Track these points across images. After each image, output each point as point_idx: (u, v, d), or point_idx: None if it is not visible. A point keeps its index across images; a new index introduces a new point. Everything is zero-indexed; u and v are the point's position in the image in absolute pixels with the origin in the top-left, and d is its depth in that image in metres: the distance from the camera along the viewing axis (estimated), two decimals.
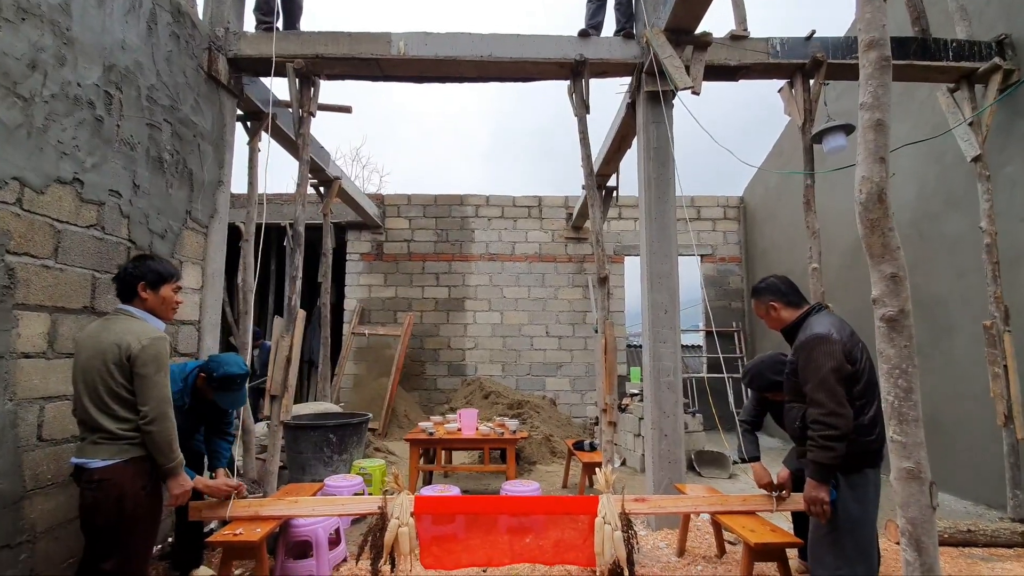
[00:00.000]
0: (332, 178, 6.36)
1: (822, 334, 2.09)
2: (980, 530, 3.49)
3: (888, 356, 1.47)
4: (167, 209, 3.50)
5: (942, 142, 4.89)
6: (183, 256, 3.65)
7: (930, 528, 1.42)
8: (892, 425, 1.47)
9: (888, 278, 1.46)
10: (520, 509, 2.87)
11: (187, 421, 2.78)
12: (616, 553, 2.72)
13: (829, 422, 1.97)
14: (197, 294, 3.80)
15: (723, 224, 9.25)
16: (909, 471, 1.43)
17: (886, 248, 1.47)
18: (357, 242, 9.06)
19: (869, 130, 1.51)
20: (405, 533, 2.69)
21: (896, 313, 1.45)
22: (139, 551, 2.15)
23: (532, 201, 9.20)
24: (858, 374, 2.07)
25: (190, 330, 3.72)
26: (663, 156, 3.98)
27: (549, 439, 6.26)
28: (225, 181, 4.11)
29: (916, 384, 1.45)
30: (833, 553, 2.08)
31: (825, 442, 1.98)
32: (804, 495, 2.08)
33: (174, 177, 3.58)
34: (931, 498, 1.43)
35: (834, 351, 2.03)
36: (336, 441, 4.68)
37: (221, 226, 4.06)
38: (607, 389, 3.71)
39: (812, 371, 2.04)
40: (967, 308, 4.56)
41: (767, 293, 2.39)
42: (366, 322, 8.87)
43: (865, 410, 2.07)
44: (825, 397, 1.99)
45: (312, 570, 2.92)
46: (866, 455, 2.08)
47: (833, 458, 1.97)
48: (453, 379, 8.79)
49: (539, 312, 8.93)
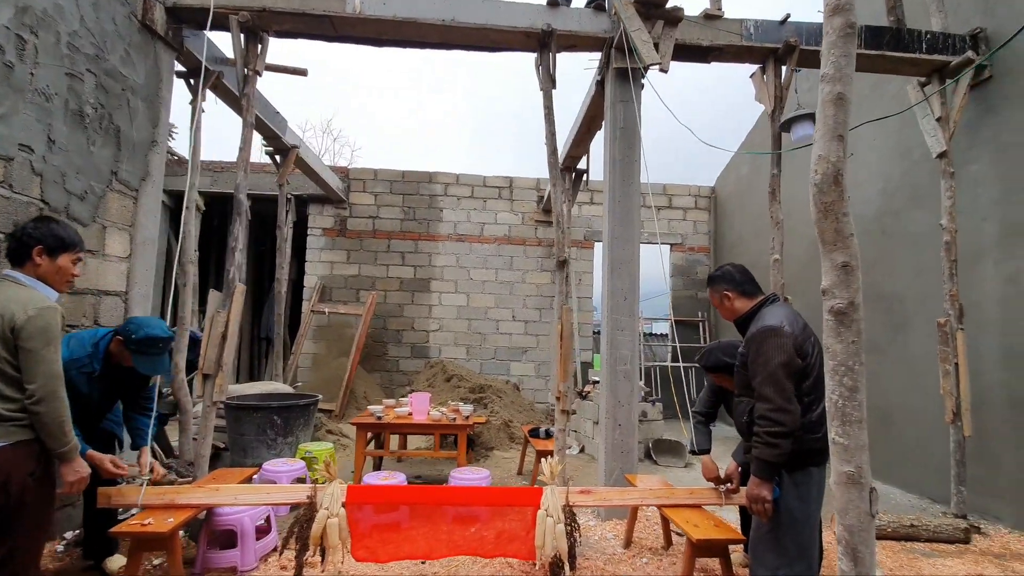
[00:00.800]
0: (289, 146, 6.02)
1: (773, 326, 1.99)
2: (923, 525, 3.52)
3: (835, 352, 1.35)
4: (88, 168, 3.19)
5: (910, 138, 4.86)
6: (107, 220, 3.36)
7: (868, 537, 1.32)
8: (835, 426, 1.36)
9: (839, 267, 1.34)
10: (461, 500, 2.74)
11: (99, 393, 2.55)
12: (557, 547, 2.61)
13: (775, 418, 1.88)
14: (124, 263, 3.51)
15: (694, 213, 9.21)
16: (850, 476, 1.33)
17: (839, 235, 1.34)
18: (319, 216, 8.71)
19: (829, 104, 1.37)
20: (335, 524, 2.52)
21: (845, 305, 1.33)
22: (26, 543, 1.93)
23: (503, 182, 8.98)
24: (808, 369, 1.98)
25: (115, 301, 3.43)
26: (630, 137, 3.82)
27: (508, 425, 6.16)
28: (160, 141, 3.79)
29: (862, 383, 1.34)
30: (774, 552, 2.00)
31: (770, 439, 1.88)
32: (747, 492, 2.00)
33: (97, 134, 3.26)
34: (871, 505, 1.33)
35: (784, 344, 1.94)
36: (281, 423, 4.47)
37: (155, 190, 3.75)
38: (561, 377, 3.59)
39: (761, 364, 1.95)
40: (924, 305, 4.58)
41: (721, 281, 2.28)
42: (327, 300, 8.58)
43: (813, 407, 1.99)
44: (772, 392, 1.89)
45: (237, 561, 2.74)
46: (812, 453, 2.00)
47: (777, 455, 1.89)
48: (416, 361, 8.60)
49: (506, 296, 8.77)
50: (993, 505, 3.97)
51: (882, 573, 2.94)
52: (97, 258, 3.28)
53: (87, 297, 3.21)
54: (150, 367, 2.52)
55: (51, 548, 2.93)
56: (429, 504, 2.67)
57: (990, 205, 4.17)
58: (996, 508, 3.95)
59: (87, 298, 3.21)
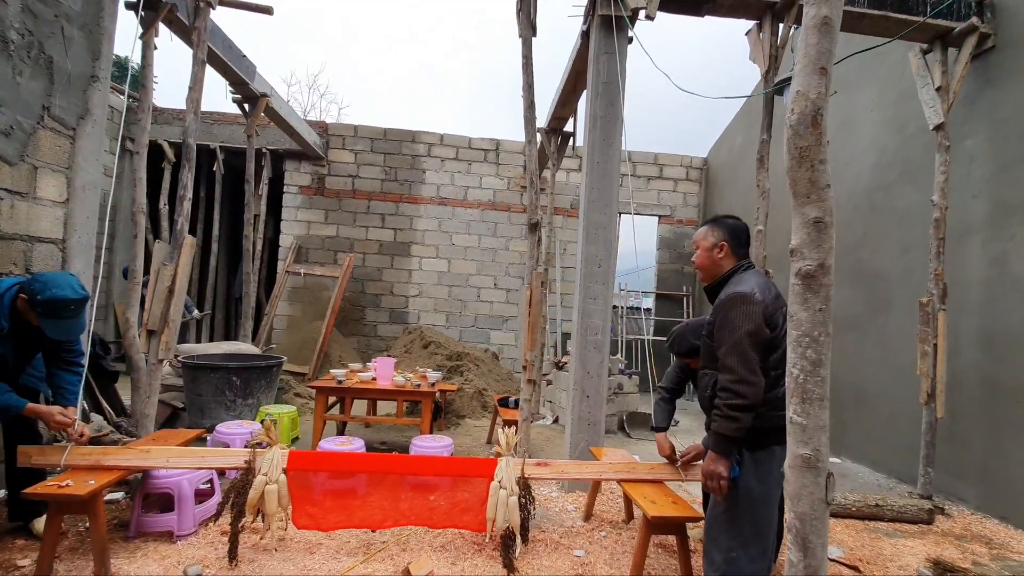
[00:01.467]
0: (258, 94, 5.66)
1: (743, 292, 1.85)
2: (888, 505, 3.48)
3: (799, 320, 1.19)
4: (13, 101, 2.90)
5: (906, 111, 4.66)
6: (38, 160, 3.08)
7: (820, 527, 1.19)
8: (793, 404, 1.21)
9: (811, 224, 1.16)
10: (411, 470, 2.61)
11: (11, 350, 2.35)
12: (510, 519, 2.51)
13: (737, 389, 1.76)
14: (60, 208, 3.25)
15: (684, 185, 8.98)
16: (806, 459, 1.19)
17: (813, 186, 1.16)
18: (296, 173, 8.37)
19: (812, 31, 1.16)
20: (273, 491, 2.39)
21: (815, 268, 1.16)
22: None
23: (490, 144, 8.65)
24: (776, 341, 1.84)
25: (49, 249, 3.19)
26: (612, 93, 3.57)
27: (482, 393, 6.06)
28: (102, 77, 3.47)
29: (827, 357, 1.18)
30: (728, 533, 1.89)
31: (730, 411, 1.77)
32: (703, 468, 1.88)
33: (25, 63, 2.95)
34: (827, 491, 1.19)
35: (753, 312, 1.80)
36: (240, 385, 4.31)
37: (96, 130, 3.45)
38: (528, 345, 3.44)
39: (727, 332, 1.82)
40: (906, 284, 4.46)
41: (725, 230, 2.06)
42: (303, 261, 8.32)
43: (780, 382, 1.84)
44: (736, 362, 1.77)
45: (173, 525, 2.60)
46: (776, 431, 1.86)
47: (736, 430, 1.77)
48: (394, 327, 8.44)
49: (488, 263, 8.57)
50: (959, 487, 3.95)
51: (841, 552, 2.88)
52: (27, 201, 3.02)
53: (16, 243, 2.97)
54: (59, 331, 2.27)
55: None
56: (377, 473, 2.54)
57: (982, 182, 4.01)
58: (961, 490, 3.93)
59: (16, 244, 2.97)
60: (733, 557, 1.86)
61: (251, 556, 2.47)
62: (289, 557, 2.49)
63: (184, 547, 2.52)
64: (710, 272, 2.08)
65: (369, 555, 2.54)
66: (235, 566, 2.36)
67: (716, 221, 2.12)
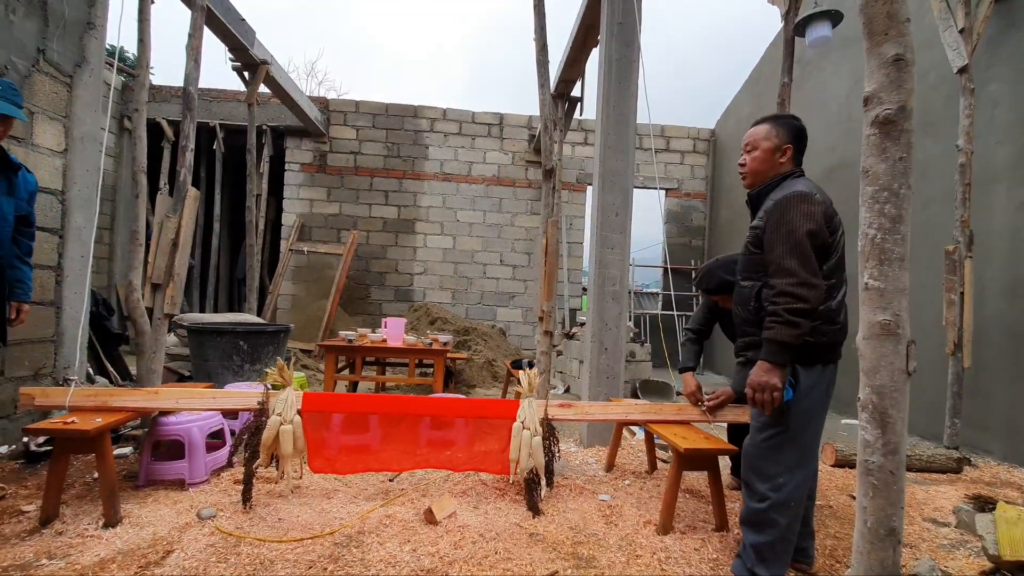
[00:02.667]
0: (258, 60, 5.52)
1: (803, 192, 1.71)
2: (916, 455, 3.38)
3: (876, 174, 1.08)
4: (7, 40, 2.78)
5: (925, 60, 4.53)
6: (35, 106, 2.96)
7: (901, 399, 1.08)
8: (869, 267, 1.10)
9: (890, 63, 1.05)
10: (429, 411, 2.51)
11: None
12: (534, 461, 2.41)
13: (799, 293, 1.60)
14: (59, 157, 3.13)
15: (692, 157, 8.84)
16: (884, 326, 1.08)
17: (892, 20, 1.04)
18: (297, 151, 8.23)
19: None
20: (288, 432, 2.29)
21: (895, 112, 1.05)
22: None
23: (493, 119, 8.51)
24: (833, 247, 1.72)
25: (49, 200, 3.07)
26: (628, 33, 3.45)
27: (491, 363, 5.97)
28: (98, 24, 3.35)
29: (907, 212, 1.07)
30: (774, 460, 1.74)
31: (791, 316, 1.60)
32: (751, 380, 1.69)
33: (17, 2, 2.83)
34: (907, 362, 1.08)
35: (814, 212, 1.66)
36: (247, 349, 4.20)
37: (94, 80, 3.33)
38: (545, 295, 3.33)
39: (785, 233, 1.66)
40: (928, 237, 4.35)
41: (791, 132, 1.86)
42: (306, 239, 8.21)
43: (833, 293, 1.73)
44: (796, 264, 1.62)
45: (184, 473, 2.51)
46: (825, 347, 1.74)
47: (797, 336, 1.62)
48: (399, 304, 8.33)
49: (494, 239, 8.46)
50: (984, 439, 3.85)
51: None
52: (24, 147, 2.91)
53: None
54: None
55: None
56: (395, 414, 2.44)
57: (1006, 128, 3.89)
58: (986, 442, 3.84)
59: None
60: (780, 483, 1.74)
61: (265, 501, 2.37)
62: (306, 502, 2.39)
63: (196, 494, 2.43)
64: (763, 176, 1.88)
65: (388, 500, 2.45)
66: (250, 508, 2.26)
67: (778, 120, 1.90)
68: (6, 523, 2.10)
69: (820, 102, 5.94)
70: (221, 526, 2.11)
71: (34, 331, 3.00)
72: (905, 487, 1.14)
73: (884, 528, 1.08)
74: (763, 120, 1.92)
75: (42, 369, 3.07)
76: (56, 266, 3.14)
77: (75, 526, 2.07)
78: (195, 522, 2.15)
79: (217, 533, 2.06)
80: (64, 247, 3.18)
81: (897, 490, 1.10)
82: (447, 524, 2.22)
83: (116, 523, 2.08)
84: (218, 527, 2.10)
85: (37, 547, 1.92)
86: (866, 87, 1.09)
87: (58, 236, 3.14)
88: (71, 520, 2.12)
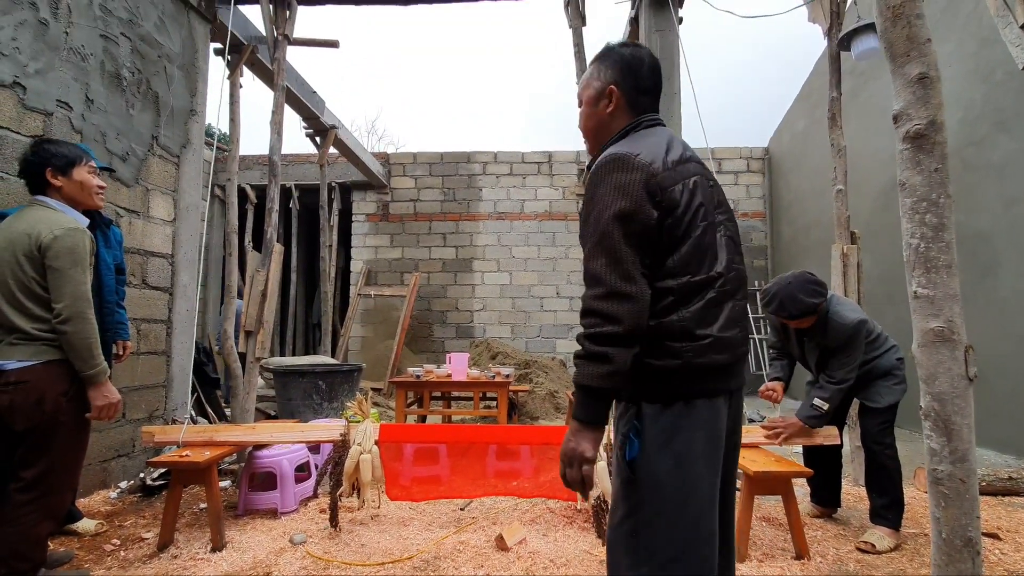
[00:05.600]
0: (328, 126, 6.10)
1: (618, 155, 1.14)
2: (1023, 478, 3.09)
3: (913, 186, 1.12)
4: (128, 130, 3.29)
5: (989, 58, 4.34)
6: (150, 183, 3.46)
7: (964, 405, 1.09)
8: (916, 276, 1.13)
9: (915, 82, 1.11)
10: (495, 439, 2.61)
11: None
12: (601, 487, 2.44)
13: (605, 310, 1.06)
14: (169, 226, 3.62)
15: (746, 177, 8.69)
16: (938, 333, 1.10)
17: (912, 42, 1.11)
18: (362, 203, 8.86)
19: None
20: (368, 460, 2.47)
21: (925, 126, 1.10)
22: (65, 460, 1.94)
23: (542, 157, 8.80)
24: (674, 228, 1.12)
25: (161, 263, 3.54)
26: (667, 69, 3.57)
27: (553, 395, 6.00)
28: (199, 111, 3.89)
29: (950, 220, 1.10)
30: (630, 550, 1.11)
31: (595, 345, 1.06)
32: (561, 449, 1.13)
33: (136, 97, 3.36)
34: (966, 367, 1.09)
35: (629, 183, 1.10)
36: (325, 388, 4.51)
37: (195, 158, 3.85)
38: None
39: (593, 221, 1.13)
40: (1015, 241, 4.06)
41: (616, 67, 1.28)
42: (372, 283, 8.71)
43: (689, 298, 1.12)
44: (604, 266, 1.08)
45: (277, 503, 2.73)
46: (692, 374, 1.11)
47: (608, 375, 1.05)
48: (461, 341, 8.58)
49: (549, 272, 8.60)
50: None
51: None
52: (142, 219, 3.39)
53: (134, 256, 3.32)
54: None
55: (104, 494, 3.05)
56: (463, 442, 2.56)
57: None
58: None
59: (135, 257, 3.32)
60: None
61: (348, 528, 2.54)
62: (384, 529, 2.54)
63: (287, 521, 2.64)
64: (598, 138, 1.31)
65: (460, 527, 2.55)
66: (335, 535, 2.43)
67: (600, 56, 1.32)
68: (130, 548, 2.38)
69: (882, 109, 5.75)
70: (311, 551, 2.29)
71: (148, 378, 3.41)
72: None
73: (960, 539, 1.07)
74: (591, 61, 1.36)
75: (155, 411, 3.47)
76: (167, 320, 3.57)
77: (188, 550, 2.32)
78: (288, 547, 2.34)
79: (308, 557, 2.23)
80: (172, 303, 3.62)
81: (970, 499, 1.09)
82: (518, 550, 2.29)
83: (222, 547, 2.31)
84: (308, 551, 2.28)
85: (157, 569, 2.17)
86: (894, 105, 1.15)
87: (168, 294, 3.59)
88: (184, 545, 2.37)
